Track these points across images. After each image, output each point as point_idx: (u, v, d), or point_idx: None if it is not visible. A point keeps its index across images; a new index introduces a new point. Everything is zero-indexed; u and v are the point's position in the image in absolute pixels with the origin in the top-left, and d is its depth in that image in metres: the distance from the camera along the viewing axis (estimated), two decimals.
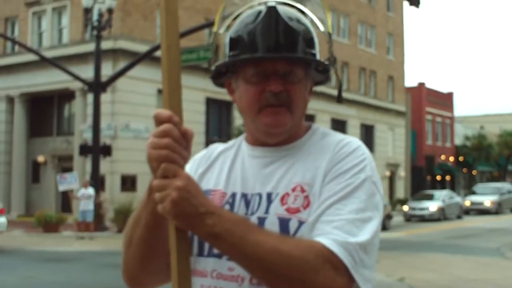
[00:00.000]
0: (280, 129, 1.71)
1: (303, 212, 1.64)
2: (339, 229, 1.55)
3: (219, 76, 1.82)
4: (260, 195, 1.71)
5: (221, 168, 1.83)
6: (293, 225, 1.63)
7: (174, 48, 1.54)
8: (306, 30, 1.73)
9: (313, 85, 1.83)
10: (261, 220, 1.66)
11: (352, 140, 1.74)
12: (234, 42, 1.73)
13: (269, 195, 1.70)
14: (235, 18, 1.78)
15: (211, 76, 1.82)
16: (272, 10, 1.69)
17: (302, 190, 1.67)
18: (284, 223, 1.64)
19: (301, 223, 1.63)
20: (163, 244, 1.63)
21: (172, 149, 1.47)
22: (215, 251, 1.66)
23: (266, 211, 1.67)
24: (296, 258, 1.49)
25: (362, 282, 1.55)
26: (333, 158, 1.69)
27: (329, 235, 1.54)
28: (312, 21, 1.79)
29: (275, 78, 1.67)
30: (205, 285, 1.67)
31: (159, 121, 1.49)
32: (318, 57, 1.76)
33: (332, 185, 1.64)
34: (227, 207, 1.72)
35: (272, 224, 1.64)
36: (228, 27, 1.80)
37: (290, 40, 1.68)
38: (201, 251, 1.71)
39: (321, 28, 1.79)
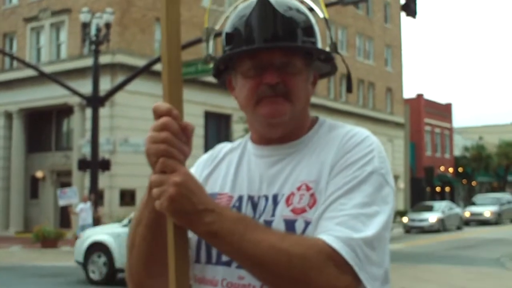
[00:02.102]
0: (279, 119, 1.64)
1: (309, 212, 1.57)
2: (341, 225, 1.48)
3: (220, 74, 1.77)
4: (266, 198, 1.65)
5: (227, 170, 1.77)
6: (299, 226, 1.56)
7: (175, 37, 1.48)
8: (303, 19, 1.66)
9: (318, 76, 1.77)
10: (268, 223, 1.59)
11: (360, 131, 1.69)
12: (230, 37, 1.68)
13: (275, 197, 1.64)
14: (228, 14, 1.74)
15: (212, 74, 1.77)
16: (265, 0, 1.63)
17: (308, 188, 1.60)
18: (290, 225, 1.57)
19: (307, 223, 1.56)
20: (166, 246, 1.57)
21: (170, 143, 1.42)
22: (224, 258, 1.60)
23: (272, 214, 1.61)
24: (297, 257, 1.43)
25: (367, 280, 1.47)
26: (340, 150, 1.62)
27: (331, 232, 1.48)
28: (310, 9, 1.73)
29: (271, 70, 1.61)
30: None
31: (157, 114, 1.44)
32: (319, 46, 1.69)
33: (338, 179, 1.57)
34: (225, 207, 1.64)
35: (278, 227, 1.57)
36: (224, 22, 1.75)
37: (286, 29, 1.62)
38: (209, 259, 1.65)
39: (321, 15, 1.72)
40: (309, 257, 1.43)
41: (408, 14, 19.89)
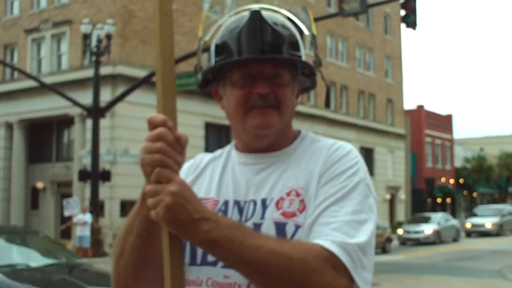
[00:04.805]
0: (268, 130, 1.70)
1: (299, 216, 1.62)
2: (337, 231, 1.54)
3: (206, 84, 1.81)
4: (254, 202, 1.69)
5: (212, 177, 1.81)
6: (289, 229, 1.61)
7: (168, 49, 1.49)
8: (290, 34, 1.73)
9: (300, 90, 1.83)
10: (257, 226, 1.63)
11: (344, 144, 1.76)
12: (220, 48, 1.73)
13: (263, 201, 1.68)
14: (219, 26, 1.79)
15: (198, 85, 1.81)
16: (256, 14, 1.70)
17: (297, 194, 1.65)
18: (280, 228, 1.62)
19: (297, 227, 1.61)
20: (157, 255, 1.58)
21: (165, 153, 1.44)
22: (209, 259, 1.63)
23: (262, 217, 1.65)
24: (296, 260, 1.46)
25: (362, 283, 1.53)
26: (327, 161, 1.69)
27: (328, 237, 1.53)
28: (296, 25, 1.80)
29: (262, 81, 1.67)
30: None
31: (152, 125, 1.46)
32: (304, 59, 1.76)
33: (327, 188, 1.63)
34: (220, 214, 1.67)
35: (268, 229, 1.61)
36: (213, 34, 1.79)
37: (275, 42, 1.68)
38: (194, 260, 1.67)
39: (306, 32, 1.79)
40: (309, 260, 1.47)
41: (408, 26, 19.95)
